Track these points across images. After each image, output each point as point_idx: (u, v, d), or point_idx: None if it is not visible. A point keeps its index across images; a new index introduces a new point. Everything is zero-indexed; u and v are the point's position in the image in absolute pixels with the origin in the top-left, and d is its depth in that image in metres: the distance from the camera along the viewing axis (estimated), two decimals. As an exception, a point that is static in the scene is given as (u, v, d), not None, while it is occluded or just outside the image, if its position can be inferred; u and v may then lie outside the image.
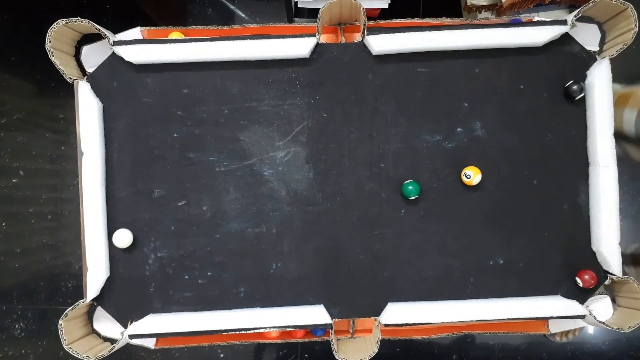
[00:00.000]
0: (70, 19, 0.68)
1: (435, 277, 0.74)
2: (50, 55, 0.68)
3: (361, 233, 0.74)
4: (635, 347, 1.44)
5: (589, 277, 0.71)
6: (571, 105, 0.74)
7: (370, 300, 0.73)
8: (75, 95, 0.71)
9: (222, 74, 0.74)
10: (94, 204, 0.70)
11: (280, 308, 0.73)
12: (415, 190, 0.71)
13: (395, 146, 0.74)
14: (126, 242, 0.71)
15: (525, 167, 0.74)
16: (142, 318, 0.72)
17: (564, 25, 0.71)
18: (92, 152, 0.71)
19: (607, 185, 0.71)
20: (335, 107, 0.74)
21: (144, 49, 0.71)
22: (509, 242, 0.74)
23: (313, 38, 0.71)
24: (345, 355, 0.68)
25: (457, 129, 0.74)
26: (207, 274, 0.73)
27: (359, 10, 0.71)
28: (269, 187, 0.74)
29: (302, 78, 0.74)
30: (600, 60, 0.72)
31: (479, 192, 0.74)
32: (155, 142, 0.74)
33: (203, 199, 0.73)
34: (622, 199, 1.20)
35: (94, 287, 0.70)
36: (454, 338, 1.43)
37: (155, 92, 0.73)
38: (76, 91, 0.71)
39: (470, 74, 0.74)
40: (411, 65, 0.74)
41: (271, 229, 0.74)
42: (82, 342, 0.68)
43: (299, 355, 1.42)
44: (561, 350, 1.44)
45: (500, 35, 0.71)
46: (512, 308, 0.70)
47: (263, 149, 0.74)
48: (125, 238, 0.71)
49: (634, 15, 0.67)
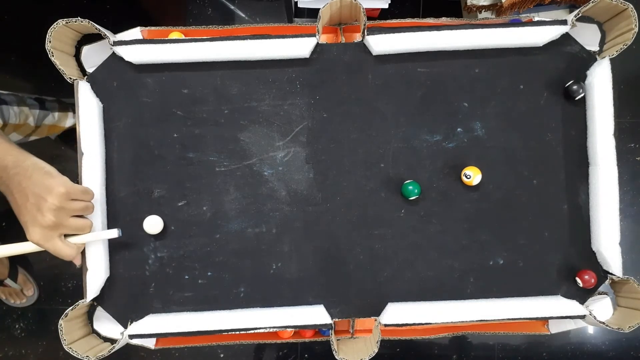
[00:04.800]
0: (70, 19, 0.68)
1: (435, 277, 0.74)
2: (50, 55, 0.68)
3: (361, 233, 0.74)
4: (635, 347, 1.44)
5: (589, 277, 0.71)
6: (571, 105, 0.74)
7: (370, 300, 0.73)
8: (75, 95, 0.71)
9: (222, 74, 0.74)
10: (94, 203, 0.70)
11: (280, 308, 0.73)
12: (415, 190, 0.71)
13: (395, 146, 0.74)
14: (158, 228, 0.71)
15: (525, 167, 0.74)
16: (142, 318, 0.72)
17: (564, 25, 0.71)
18: (92, 152, 0.71)
19: (607, 185, 0.71)
20: (335, 107, 0.74)
21: (144, 49, 0.71)
22: (509, 242, 0.74)
23: (313, 38, 0.71)
24: (345, 355, 0.68)
25: (457, 129, 0.74)
26: (207, 274, 0.73)
27: (359, 10, 0.71)
28: (269, 187, 0.74)
29: (302, 78, 0.74)
30: (600, 60, 0.72)
31: (479, 192, 0.74)
32: (155, 142, 0.74)
33: (203, 199, 0.73)
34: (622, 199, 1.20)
35: (94, 287, 0.70)
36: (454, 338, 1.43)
37: (155, 92, 0.73)
38: (76, 91, 0.71)
39: (470, 74, 0.74)
40: (411, 65, 0.74)
41: (271, 229, 0.74)
42: (82, 342, 0.68)
43: (299, 355, 1.42)
44: (561, 350, 1.45)
45: (500, 35, 0.71)
46: (512, 308, 0.70)
47: (263, 149, 0.74)
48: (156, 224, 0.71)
49: (634, 15, 0.67)
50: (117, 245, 0.73)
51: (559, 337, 1.43)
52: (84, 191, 0.65)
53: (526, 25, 0.71)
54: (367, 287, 0.74)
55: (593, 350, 1.42)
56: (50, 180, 0.61)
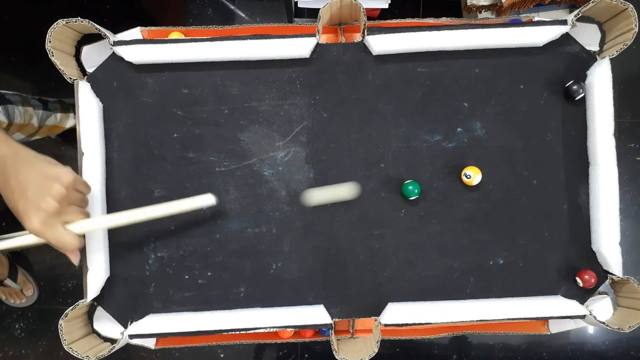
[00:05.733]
0: (70, 19, 0.68)
1: (435, 277, 0.74)
2: (50, 55, 0.68)
3: (361, 233, 0.74)
4: (635, 347, 1.44)
5: (589, 277, 0.71)
6: (571, 105, 0.74)
7: (370, 300, 0.73)
8: (75, 95, 0.71)
9: (222, 74, 0.74)
10: (94, 203, 0.70)
11: (280, 308, 0.73)
12: (415, 190, 0.71)
13: (395, 146, 0.74)
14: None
15: (525, 167, 0.74)
16: (142, 318, 0.72)
17: (564, 25, 0.71)
18: (92, 152, 0.71)
19: (607, 185, 0.71)
20: (335, 107, 0.74)
21: (144, 49, 0.71)
22: (508, 242, 0.74)
23: (313, 38, 0.71)
24: (345, 355, 0.68)
25: (457, 129, 0.74)
26: (207, 274, 0.73)
27: (359, 10, 0.71)
28: (269, 187, 0.74)
29: (302, 78, 0.74)
30: (600, 60, 0.72)
31: (479, 192, 0.74)
32: (155, 142, 0.74)
33: (203, 199, 0.73)
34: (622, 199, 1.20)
35: (94, 287, 0.70)
36: (454, 338, 1.43)
37: (155, 92, 0.73)
38: (76, 91, 0.71)
39: (470, 74, 0.74)
40: (411, 65, 0.74)
41: (271, 229, 0.74)
42: (82, 342, 0.68)
43: (299, 355, 1.42)
44: (561, 350, 1.45)
45: (500, 35, 0.71)
46: (512, 308, 0.70)
47: (263, 149, 0.74)
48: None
49: (634, 15, 0.67)
50: (117, 245, 0.73)
51: (559, 337, 1.43)
52: (85, 183, 0.65)
53: (526, 25, 0.71)
54: (367, 287, 0.74)
55: (593, 350, 1.42)
56: (56, 168, 0.60)
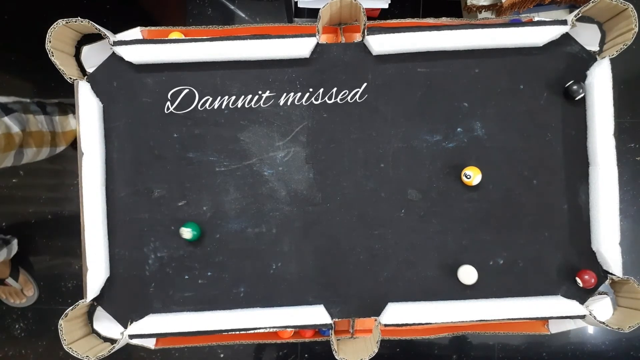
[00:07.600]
0: (70, 19, 0.68)
1: (435, 277, 0.74)
2: (50, 55, 0.68)
3: (361, 233, 0.74)
4: (635, 347, 1.44)
5: (589, 277, 0.71)
6: (571, 105, 0.74)
7: (370, 300, 0.73)
8: (75, 95, 0.71)
9: (222, 74, 0.74)
10: (94, 204, 0.70)
11: (280, 308, 0.73)
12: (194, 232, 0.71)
13: (395, 146, 0.74)
14: (472, 279, 0.71)
15: (525, 167, 0.74)
16: (142, 318, 0.72)
17: (564, 25, 0.71)
18: (92, 152, 0.71)
19: (607, 185, 0.71)
20: (335, 107, 0.74)
21: (144, 49, 0.71)
22: (509, 242, 0.74)
23: (313, 38, 0.71)
24: (345, 355, 0.68)
25: (457, 129, 0.74)
26: (207, 274, 0.73)
27: (359, 10, 0.71)
28: (269, 187, 0.74)
29: (302, 78, 0.74)
30: (600, 60, 0.72)
31: (479, 192, 0.74)
32: (155, 142, 0.74)
33: (203, 199, 0.73)
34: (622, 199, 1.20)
35: (94, 287, 0.70)
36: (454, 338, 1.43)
37: (155, 92, 0.73)
38: (76, 91, 0.71)
39: (470, 74, 0.74)
40: (411, 65, 0.74)
41: (271, 229, 0.74)
42: (82, 342, 0.68)
43: (299, 355, 1.42)
44: (561, 350, 1.44)
45: (500, 35, 0.71)
46: (512, 308, 0.70)
47: (263, 149, 0.74)
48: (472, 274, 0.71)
49: (634, 15, 0.67)
50: (117, 246, 0.73)
51: (559, 337, 1.42)
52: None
53: (526, 25, 0.71)
54: (367, 287, 0.74)
55: (593, 350, 1.42)
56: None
